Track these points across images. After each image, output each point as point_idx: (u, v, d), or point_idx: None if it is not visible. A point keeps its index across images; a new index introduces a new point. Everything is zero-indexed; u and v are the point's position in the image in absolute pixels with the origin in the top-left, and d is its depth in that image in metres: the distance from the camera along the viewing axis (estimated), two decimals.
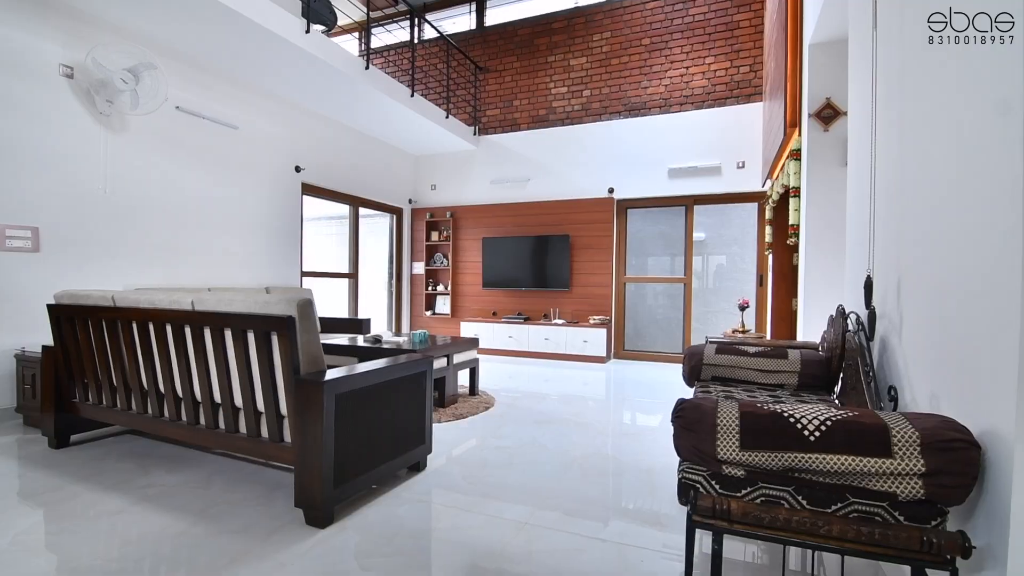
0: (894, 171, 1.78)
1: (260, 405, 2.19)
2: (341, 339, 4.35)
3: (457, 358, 4.11)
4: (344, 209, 6.85)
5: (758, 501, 1.23)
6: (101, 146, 4.02)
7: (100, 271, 4.00)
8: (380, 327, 7.74)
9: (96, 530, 1.98)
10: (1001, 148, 1.08)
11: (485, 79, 7.52)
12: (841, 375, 2.13)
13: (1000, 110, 1.08)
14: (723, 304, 7.20)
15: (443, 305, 7.68)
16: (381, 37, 8.07)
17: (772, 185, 5.44)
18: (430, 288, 7.72)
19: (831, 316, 2.35)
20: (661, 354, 6.65)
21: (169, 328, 2.40)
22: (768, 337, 5.75)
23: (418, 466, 2.63)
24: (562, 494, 2.38)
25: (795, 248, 5.21)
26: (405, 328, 7.80)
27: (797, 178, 3.84)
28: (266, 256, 5.40)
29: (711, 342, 2.57)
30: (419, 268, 7.77)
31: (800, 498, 1.21)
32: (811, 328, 3.54)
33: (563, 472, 2.64)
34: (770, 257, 5.90)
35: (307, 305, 2.04)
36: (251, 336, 2.13)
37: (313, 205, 6.68)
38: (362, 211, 7.08)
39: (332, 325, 5.60)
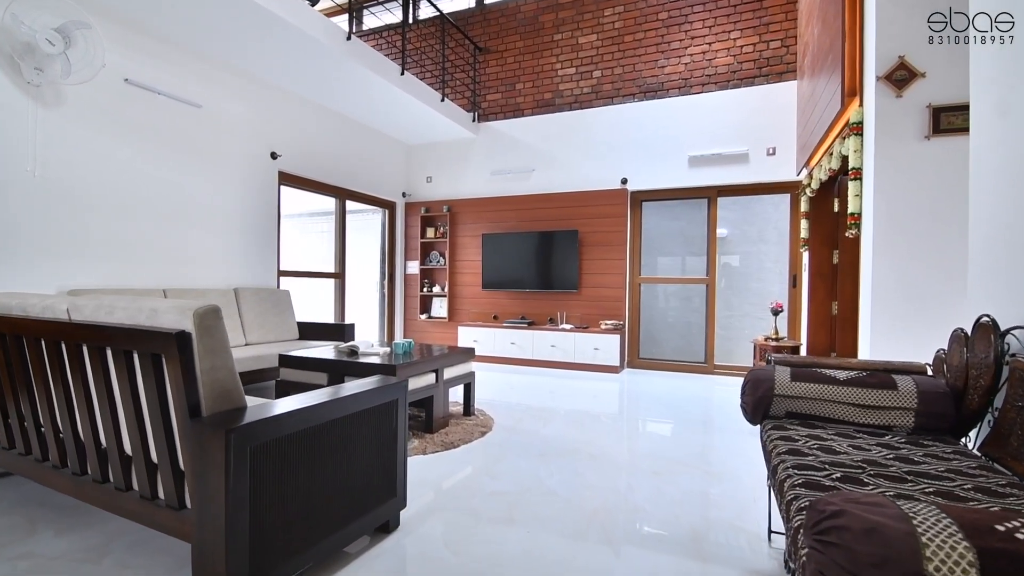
0: None
1: (154, 455, 1.55)
2: (321, 348, 3.72)
3: (448, 372, 3.46)
4: (332, 204, 6.21)
5: None
6: (29, 121, 3.40)
7: (29, 269, 3.37)
8: (370, 332, 7.11)
9: None
10: None
11: (485, 61, 6.87)
12: (990, 416, 1.47)
13: None
14: (747, 308, 6.53)
15: (439, 308, 7.04)
16: (380, 16, 7.44)
17: (811, 172, 4.77)
18: (425, 289, 7.07)
19: (958, 332, 1.69)
20: (681, 363, 5.98)
21: (44, 344, 1.76)
22: (804, 348, 5.08)
23: (387, 527, 1.98)
24: None
25: (853, 242, 4.54)
26: (399, 333, 7.16)
27: (858, 157, 3.17)
28: (237, 253, 4.77)
29: (780, 363, 1.91)
30: (413, 267, 7.13)
31: None
32: (883, 342, 2.87)
33: (579, 537, 1.98)
34: (805, 255, 5.23)
35: (210, 315, 1.40)
36: (136, 358, 1.49)
37: (296, 199, 6.06)
38: (352, 206, 6.44)
39: (311, 331, 4.97)
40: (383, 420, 1.90)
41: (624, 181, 6.00)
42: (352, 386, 1.84)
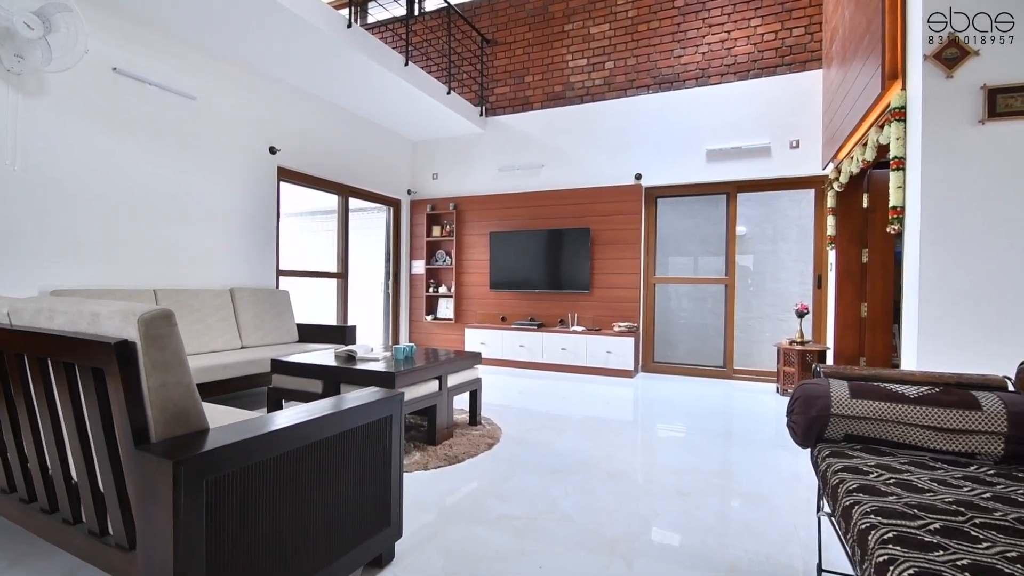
0: None
1: (101, 484, 1.32)
2: (318, 353, 3.50)
3: (452, 379, 3.22)
4: (335, 201, 6.00)
5: None
6: (9, 111, 3.21)
7: (9, 269, 3.18)
8: (375, 334, 6.90)
9: None
10: None
11: (493, 53, 6.63)
12: None
13: None
14: (767, 309, 6.24)
15: (446, 309, 6.80)
16: (388, 8, 7.23)
17: (839, 166, 4.49)
18: (431, 290, 6.85)
19: None
20: (698, 368, 5.70)
21: None
22: (831, 353, 4.79)
23: (380, 560, 1.74)
24: None
25: (884, 239, 4.28)
26: (404, 335, 6.93)
27: (900, 145, 2.89)
28: (234, 252, 4.56)
29: (833, 376, 1.64)
30: (419, 267, 6.90)
31: None
32: (934, 350, 2.60)
33: (599, 573, 1.73)
34: (832, 253, 4.95)
35: (159, 322, 1.16)
36: (78, 372, 1.26)
37: (298, 197, 5.86)
38: (356, 203, 6.23)
39: (311, 333, 4.76)
40: (375, 440, 1.66)
41: (638, 176, 5.73)
42: (337, 402, 1.60)
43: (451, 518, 2.12)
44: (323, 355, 3.28)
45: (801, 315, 4.70)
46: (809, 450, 1.59)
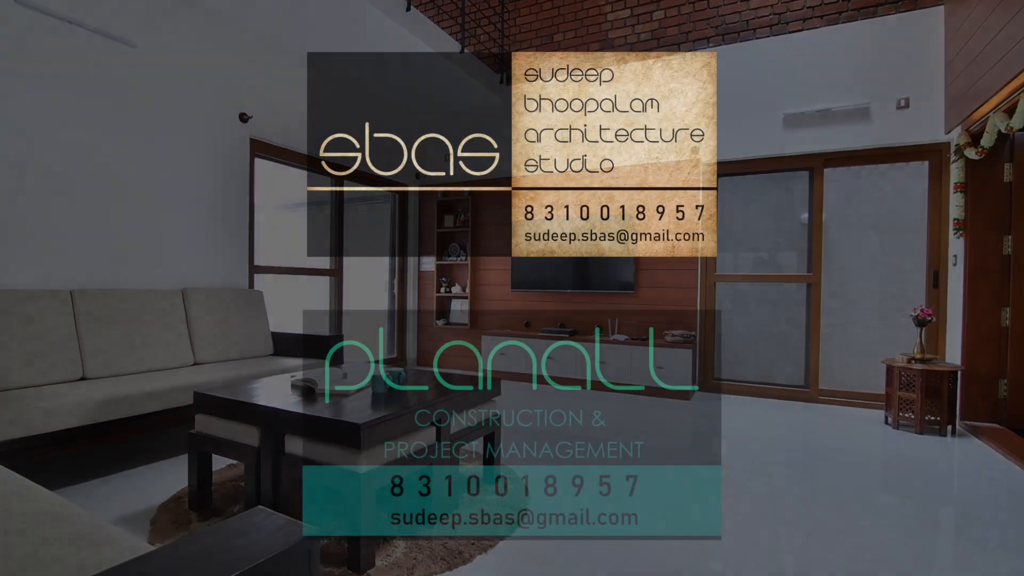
0: None
1: None
2: (268, 381, 2.54)
3: (458, 422, 2.21)
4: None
5: None
6: None
7: None
8: (378, 342, 5.94)
9: None
10: None
11: (515, 9, 5.61)
12: None
13: None
14: (857, 313, 5.06)
15: (460, 312, 5.81)
16: None
17: (973, 129, 3.36)
18: (443, 290, 5.86)
19: None
20: (771, 387, 4.59)
21: None
22: (960, 375, 3.64)
23: None
24: None
25: None
26: (411, 342, 5.97)
27: None
28: (192, 243, 3.64)
29: None
30: (429, 263, 5.93)
31: None
32: None
33: None
34: (959, 242, 3.80)
35: None
36: None
37: (298, 183, 4.93)
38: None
39: (291, 344, 3.83)
40: None
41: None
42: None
43: None
44: (273, 384, 2.30)
45: (922, 323, 3.57)
46: None
